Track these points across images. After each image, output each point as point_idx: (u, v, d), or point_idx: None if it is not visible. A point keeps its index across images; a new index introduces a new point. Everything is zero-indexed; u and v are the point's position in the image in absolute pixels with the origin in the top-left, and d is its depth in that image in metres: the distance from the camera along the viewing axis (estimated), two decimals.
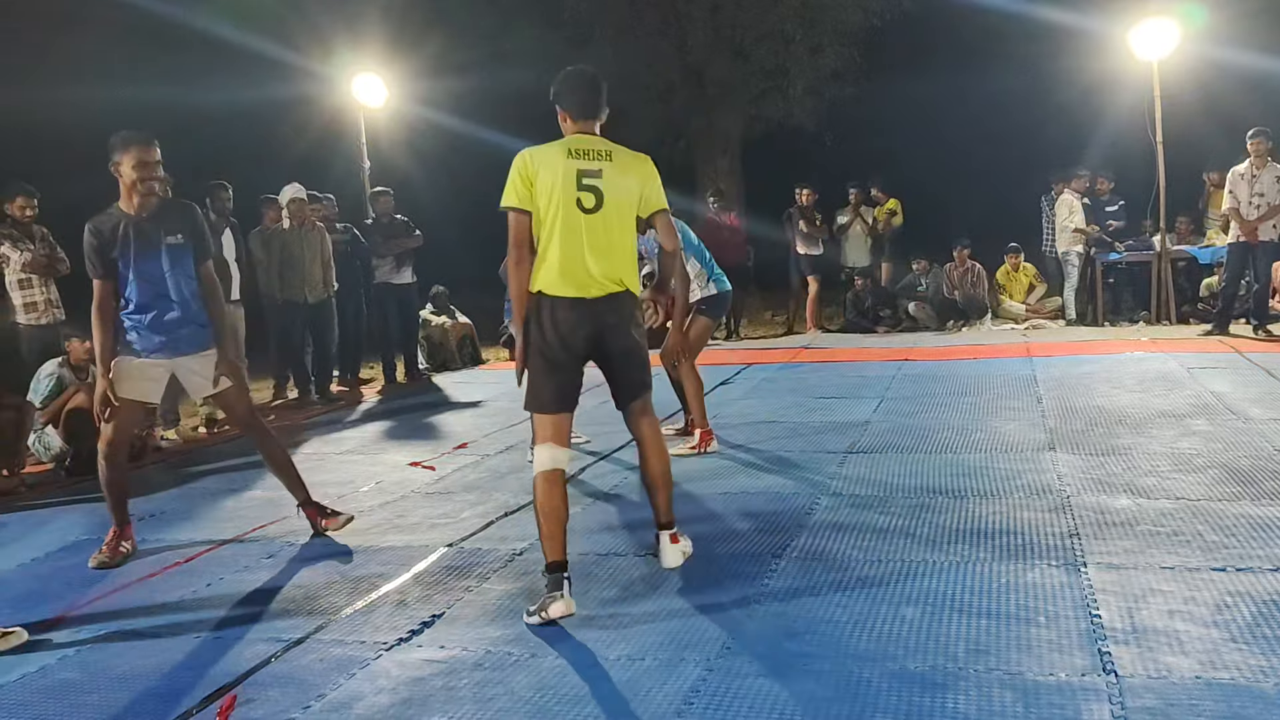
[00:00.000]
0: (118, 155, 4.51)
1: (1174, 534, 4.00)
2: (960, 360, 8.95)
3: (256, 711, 3.03)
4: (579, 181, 3.70)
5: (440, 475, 5.97)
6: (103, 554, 4.65)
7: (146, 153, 4.51)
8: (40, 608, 4.11)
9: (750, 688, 2.94)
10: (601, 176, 3.73)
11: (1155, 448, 5.40)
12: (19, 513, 5.80)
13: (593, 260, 3.69)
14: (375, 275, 10.10)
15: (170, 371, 4.73)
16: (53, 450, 6.75)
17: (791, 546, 4.18)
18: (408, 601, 3.88)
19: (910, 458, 5.55)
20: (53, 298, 7.48)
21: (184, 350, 4.69)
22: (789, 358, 9.84)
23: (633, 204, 3.84)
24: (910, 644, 3.16)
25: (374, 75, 11.94)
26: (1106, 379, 7.50)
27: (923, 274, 12.43)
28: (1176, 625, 3.16)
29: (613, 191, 3.75)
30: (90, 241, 4.55)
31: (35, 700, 3.25)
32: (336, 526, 4.86)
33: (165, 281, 4.61)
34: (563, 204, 3.68)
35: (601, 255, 3.71)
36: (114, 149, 4.52)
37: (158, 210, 4.63)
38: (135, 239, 4.56)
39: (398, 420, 8.06)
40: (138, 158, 4.49)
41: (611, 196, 3.74)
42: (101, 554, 4.65)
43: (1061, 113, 15.00)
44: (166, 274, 4.61)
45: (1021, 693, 2.79)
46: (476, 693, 3.05)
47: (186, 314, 4.68)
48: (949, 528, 4.29)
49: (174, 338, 4.66)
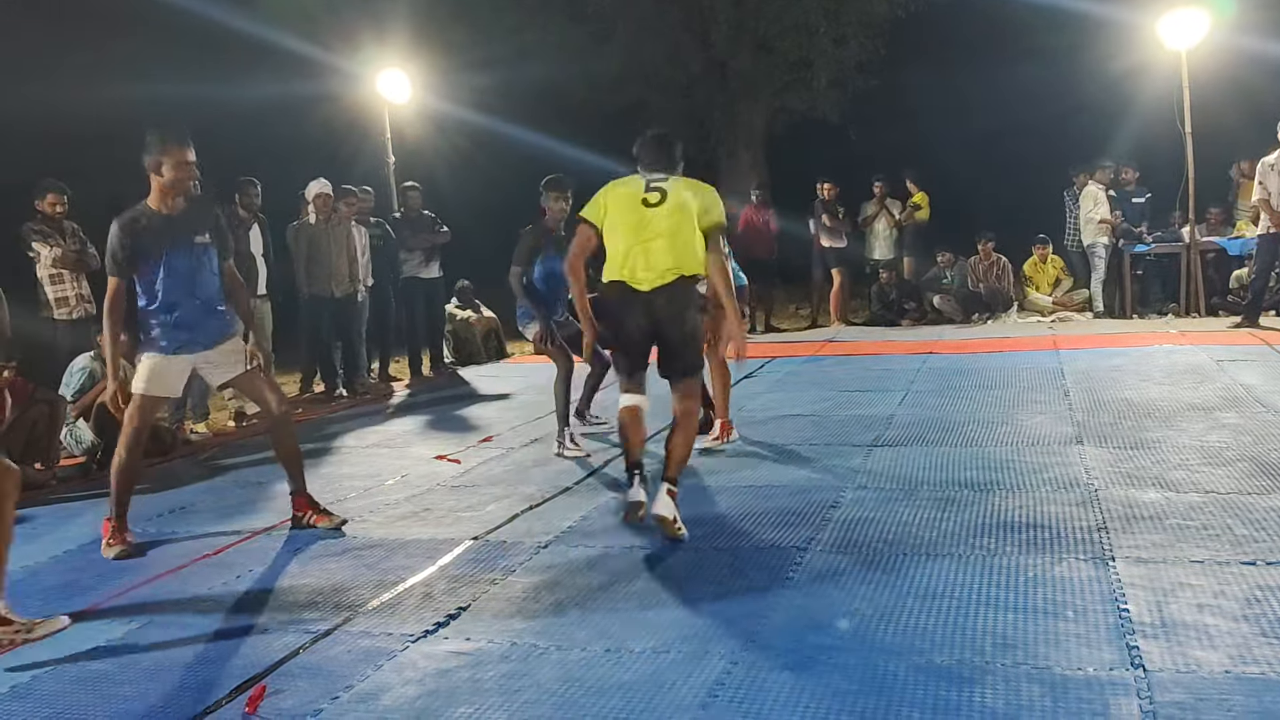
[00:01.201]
0: (157, 154, 4.51)
1: (1203, 528, 3.97)
2: (986, 353, 8.90)
3: (285, 702, 3.06)
4: (646, 186, 4.50)
5: (466, 468, 6.00)
6: (115, 544, 4.72)
7: (186, 153, 4.54)
8: (72, 599, 4.16)
9: (775, 681, 2.94)
10: (666, 182, 4.52)
11: (1184, 441, 5.35)
12: (51, 505, 5.87)
13: (656, 251, 4.38)
14: (403, 270, 10.14)
15: (192, 366, 4.81)
16: (84, 444, 6.83)
17: (816, 539, 4.17)
18: (434, 594, 3.90)
19: (936, 451, 5.53)
20: (84, 293, 7.57)
21: (206, 345, 4.76)
22: (814, 351, 9.81)
23: (693, 209, 4.45)
24: (937, 638, 3.16)
25: (398, 71, 12.00)
26: (1135, 372, 7.44)
27: (947, 267, 12.36)
28: (1206, 619, 3.13)
29: (675, 194, 4.46)
30: (120, 239, 4.55)
31: (67, 690, 3.29)
32: (326, 524, 4.88)
33: (194, 279, 4.67)
34: (631, 206, 4.47)
35: (665, 246, 4.39)
36: (152, 148, 4.51)
37: (186, 209, 4.68)
38: (167, 237, 4.60)
39: (423, 414, 8.10)
40: (178, 158, 4.52)
41: (674, 197, 4.45)
42: (114, 545, 4.72)
43: (1089, 104, 14.85)
44: (195, 272, 4.67)
45: (1049, 687, 2.78)
46: (502, 685, 3.06)
47: (210, 311, 4.77)
48: (975, 521, 4.27)
49: (198, 334, 4.73)
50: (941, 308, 11.96)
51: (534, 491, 5.32)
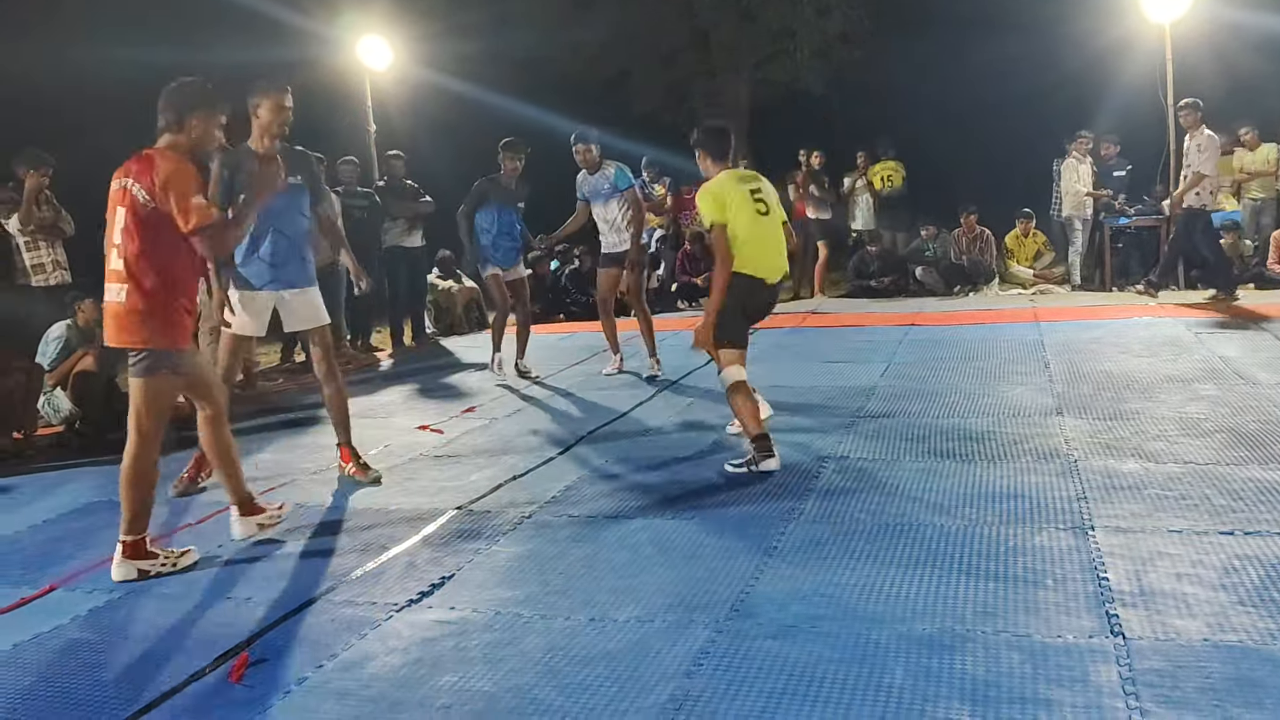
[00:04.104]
0: (257, 98, 4.81)
1: (1182, 498, 4.01)
2: (967, 325, 8.93)
3: (269, 671, 3.06)
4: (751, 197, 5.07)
5: (449, 438, 5.99)
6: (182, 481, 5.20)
7: (283, 98, 4.84)
8: (52, 568, 4.14)
9: (759, 649, 2.96)
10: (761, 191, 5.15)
11: (1163, 412, 5.39)
12: (30, 475, 5.83)
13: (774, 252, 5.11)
14: (385, 239, 10.06)
15: (274, 304, 5.05)
16: (62, 413, 6.78)
17: (799, 510, 4.19)
18: (417, 564, 3.91)
19: (917, 422, 5.55)
20: (60, 259, 7.49)
21: (290, 285, 5.01)
22: (796, 322, 9.82)
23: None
24: (918, 606, 3.18)
25: (379, 37, 11.86)
26: (1114, 344, 7.48)
27: (930, 239, 12.38)
28: (1184, 588, 3.17)
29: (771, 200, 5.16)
30: (221, 173, 4.78)
31: (49, 659, 3.29)
32: (362, 478, 5.10)
33: (283, 217, 4.91)
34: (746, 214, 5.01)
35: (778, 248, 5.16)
36: (253, 92, 4.82)
37: (281, 151, 4.93)
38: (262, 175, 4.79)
39: (406, 384, 8.07)
40: (276, 101, 4.82)
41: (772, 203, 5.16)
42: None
43: (1073, 76, 14.83)
44: (284, 211, 4.89)
45: (1029, 654, 2.81)
46: (487, 653, 3.07)
47: (296, 251, 5.03)
48: (956, 492, 4.30)
49: (282, 272, 4.98)
50: (924, 279, 11.97)
51: (517, 461, 5.32)
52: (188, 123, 3.96)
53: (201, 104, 4.01)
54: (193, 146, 4.03)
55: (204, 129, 4.01)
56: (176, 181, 3.82)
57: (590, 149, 7.30)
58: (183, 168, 3.87)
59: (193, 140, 4.00)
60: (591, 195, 7.48)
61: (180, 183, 3.82)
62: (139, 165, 3.89)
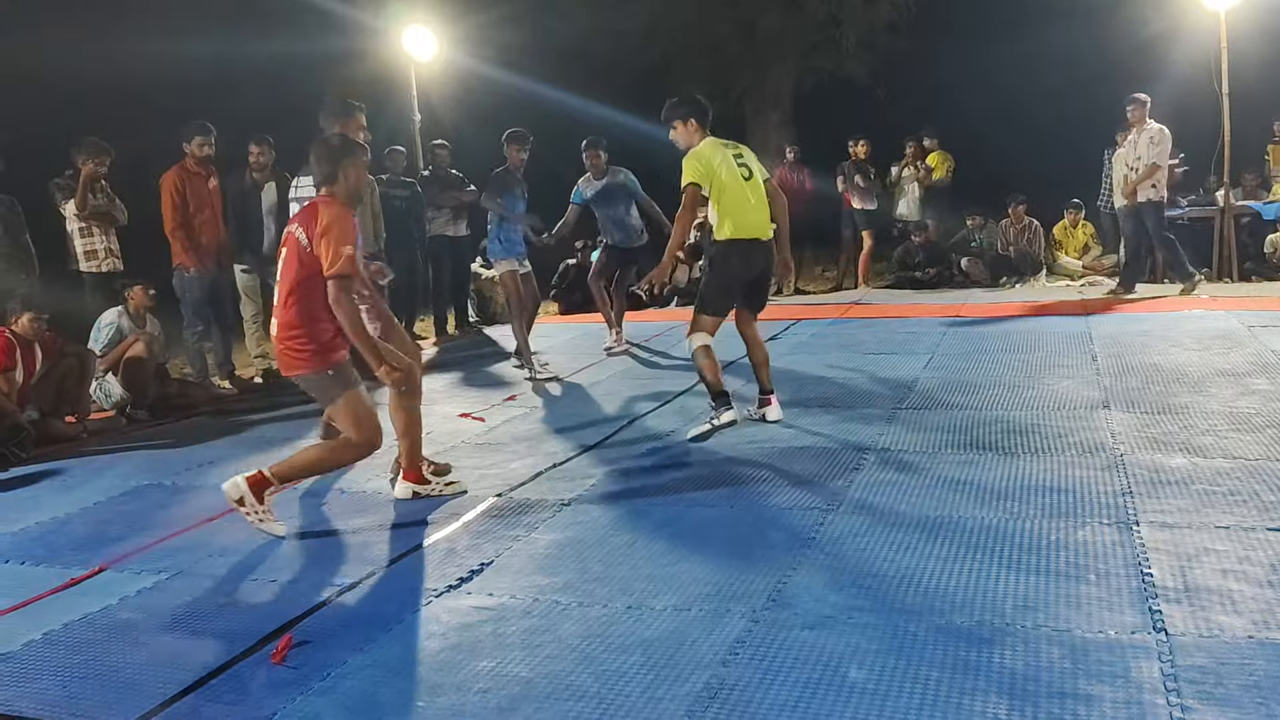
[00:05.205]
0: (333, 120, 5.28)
1: (1230, 493, 3.94)
2: (1013, 317, 8.82)
3: (311, 653, 3.11)
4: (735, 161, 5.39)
5: (490, 426, 6.03)
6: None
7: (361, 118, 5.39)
8: (102, 550, 4.23)
9: (795, 640, 2.95)
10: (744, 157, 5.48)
11: (1213, 406, 5.30)
12: (82, 458, 5.96)
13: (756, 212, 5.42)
14: (430, 228, 10.13)
15: None
16: (114, 398, 6.91)
17: (838, 501, 4.17)
18: (457, 550, 3.94)
19: (960, 414, 5.50)
20: (112, 246, 7.63)
21: None
22: (839, 313, 9.76)
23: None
24: (957, 599, 3.16)
25: (424, 27, 11.92)
26: (1164, 337, 7.35)
27: (977, 229, 12.23)
28: (1230, 585, 3.12)
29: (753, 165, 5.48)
30: None
31: (97, 639, 3.36)
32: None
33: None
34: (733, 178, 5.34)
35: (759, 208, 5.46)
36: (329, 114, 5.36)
37: None
38: None
39: (448, 372, 8.13)
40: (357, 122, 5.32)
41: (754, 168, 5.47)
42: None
43: (1123, 65, 14.54)
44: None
45: (1069, 649, 2.78)
46: (525, 639, 3.10)
47: None
48: (998, 485, 4.26)
49: None
50: (969, 271, 11.83)
51: (557, 449, 5.34)
52: (340, 174, 4.28)
53: (350, 155, 4.34)
54: (349, 193, 4.32)
55: (357, 176, 4.35)
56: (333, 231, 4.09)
57: (601, 155, 7.92)
58: (342, 220, 4.15)
59: (349, 187, 4.31)
60: (599, 199, 8.05)
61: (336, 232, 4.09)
62: (306, 212, 4.24)
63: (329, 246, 4.06)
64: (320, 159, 4.33)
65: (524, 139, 7.63)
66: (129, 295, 7.12)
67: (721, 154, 5.39)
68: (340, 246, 4.06)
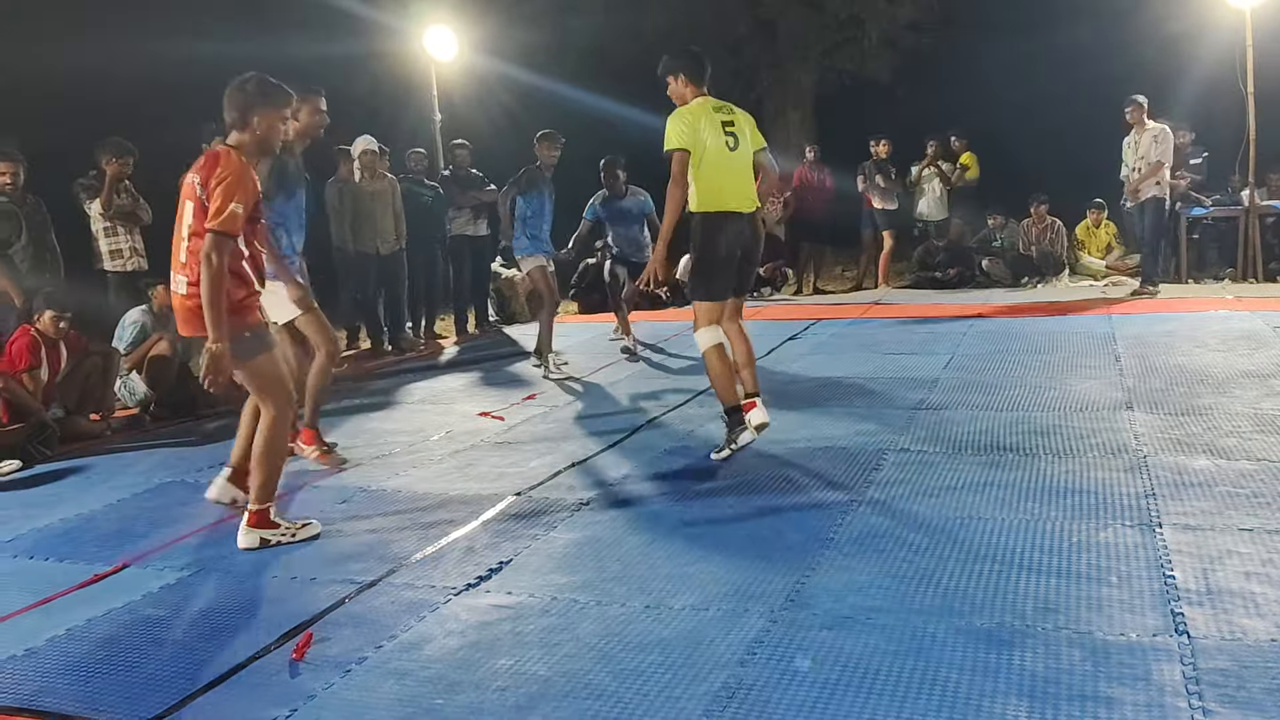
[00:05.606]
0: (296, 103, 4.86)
1: (1254, 495, 3.91)
2: (1035, 317, 8.78)
3: (331, 649, 3.13)
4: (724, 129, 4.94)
5: (509, 425, 6.04)
6: None
7: (320, 102, 5.17)
8: (125, 545, 4.27)
9: (814, 640, 2.95)
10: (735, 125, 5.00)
11: (1237, 408, 5.25)
12: (106, 456, 6.01)
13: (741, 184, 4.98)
14: (450, 228, 10.17)
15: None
16: (138, 395, 6.97)
17: (858, 501, 4.16)
18: (476, 548, 3.95)
19: (980, 415, 5.48)
20: (137, 246, 7.70)
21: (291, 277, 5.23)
22: (859, 313, 9.73)
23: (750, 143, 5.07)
24: (977, 600, 3.14)
25: (445, 27, 11.96)
26: (1188, 337, 7.30)
27: (998, 229, 12.16)
28: (1253, 588, 3.09)
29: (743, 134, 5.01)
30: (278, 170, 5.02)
31: (121, 635, 3.38)
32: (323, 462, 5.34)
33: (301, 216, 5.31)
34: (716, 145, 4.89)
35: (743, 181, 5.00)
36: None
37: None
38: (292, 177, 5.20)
39: (468, 371, 8.16)
40: (315, 106, 5.14)
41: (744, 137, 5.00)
42: None
43: (1147, 64, 14.44)
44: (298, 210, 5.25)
45: (1090, 651, 2.76)
46: (543, 638, 3.10)
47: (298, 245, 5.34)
48: (1019, 486, 4.23)
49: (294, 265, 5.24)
50: (990, 270, 11.77)
51: (576, 449, 5.35)
52: (252, 121, 4.00)
53: (265, 102, 4.03)
54: (258, 144, 4.07)
55: (269, 126, 4.05)
56: (226, 185, 3.83)
57: (619, 174, 7.98)
58: (242, 174, 3.88)
59: (258, 138, 4.04)
60: (614, 217, 8.10)
61: (227, 187, 3.82)
62: (206, 161, 3.96)
63: (219, 198, 3.80)
64: (230, 102, 4.00)
65: (556, 138, 7.61)
66: (153, 294, 7.17)
67: (709, 117, 4.91)
68: (229, 202, 3.79)
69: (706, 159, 4.86)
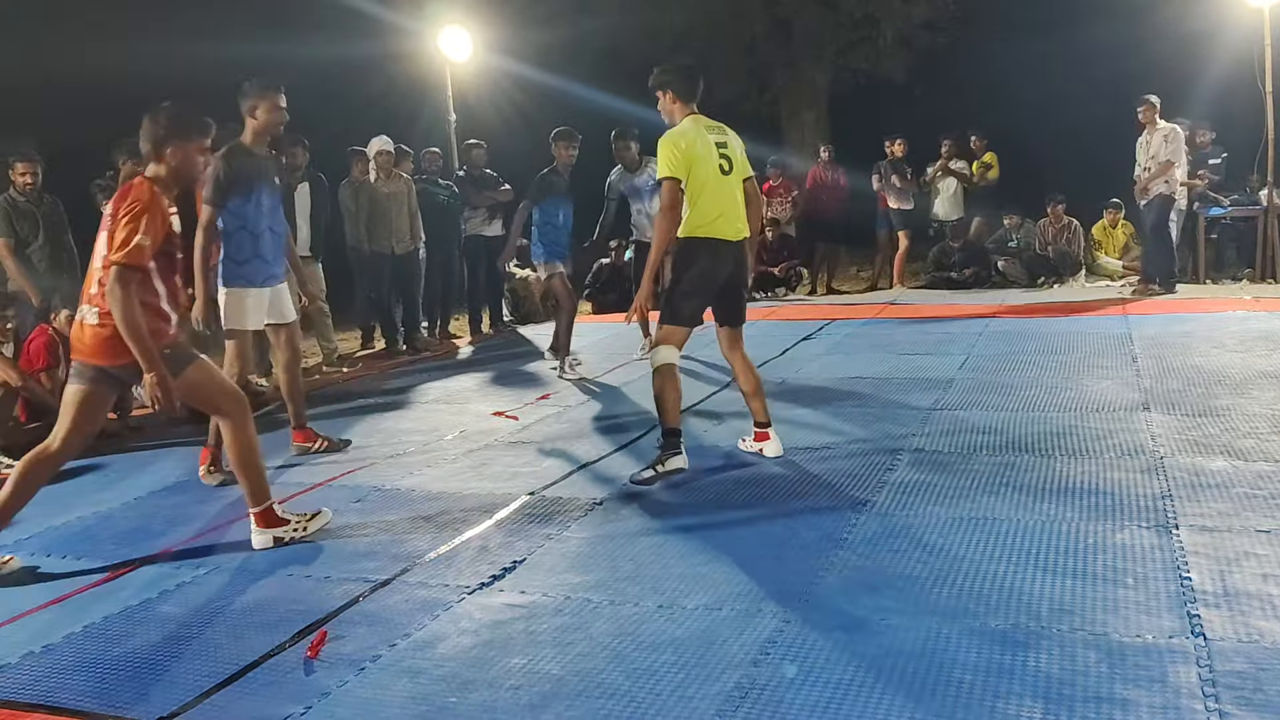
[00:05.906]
0: (254, 99, 5.04)
1: (1271, 497, 3.88)
2: (1051, 317, 8.74)
3: (345, 647, 3.14)
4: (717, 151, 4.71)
5: (523, 425, 6.05)
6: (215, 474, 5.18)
7: (279, 99, 5.07)
8: (142, 544, 4.29)
9: (827, 640, 2.94)
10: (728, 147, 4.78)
11: (1255, 409, 5.22)
12: (124, 454, 6.04)
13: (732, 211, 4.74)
14: (466, 228, 10.19)
15: (268, 299, 5.27)
16: None
17: (872, 501, 4.15)
18: (490, 547, 3.96)
19: (996, 415, 5.45)
20: None
21: (278, 279, 5.30)
22: (874, 313, 9.70)
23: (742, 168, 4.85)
24: (992, 601, 3.13)
25: (460, 28, 11.99)
26: (1206, 338, 7.25)
27: (1014, 229, 12.11)
28: (1270, 590, 3.07)
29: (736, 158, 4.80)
30: (217, 174, 4.94)
31: (136, 631, 3.41)
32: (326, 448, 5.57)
33: (274, 215, 5.24)
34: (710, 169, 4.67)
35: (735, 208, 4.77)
36: (250, 93, 5.04)
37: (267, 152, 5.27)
38: (257, 173, 5.11)
39: (482, 371, 8.17)
40: (273, 102, 5.05)
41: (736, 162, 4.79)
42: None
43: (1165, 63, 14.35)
44: (275, 209, 5.25)
45: (1106, 653, 2.75)
46: (557, 637, 3.11)
47: (282, 246, 5.34)
48: (1035, 487, 4.22)
49: (275, 267, 5.26)
50: (1006, 271, 11.72)
51: (590, 448, 5.35)
52: (164, 154, 3.88)
53: (178, 134, 3.89)
54: (173, 175, 3.92)
55: (183, 158, 3.91)
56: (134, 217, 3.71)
57: (631, 146, 7.66)
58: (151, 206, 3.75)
59: (172, 170, 3.90)
60: (631, 193, 7.85)
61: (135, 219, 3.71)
62: (119, 192, 3.87)
63: (124, 230, 3.66)
64: (144, 133, 3.87)
65: (572, 136, 7.40)
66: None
67: (703, 139, 4.67)
68: (135, 235, 3.65)
69: (698, 184, 4.64)
